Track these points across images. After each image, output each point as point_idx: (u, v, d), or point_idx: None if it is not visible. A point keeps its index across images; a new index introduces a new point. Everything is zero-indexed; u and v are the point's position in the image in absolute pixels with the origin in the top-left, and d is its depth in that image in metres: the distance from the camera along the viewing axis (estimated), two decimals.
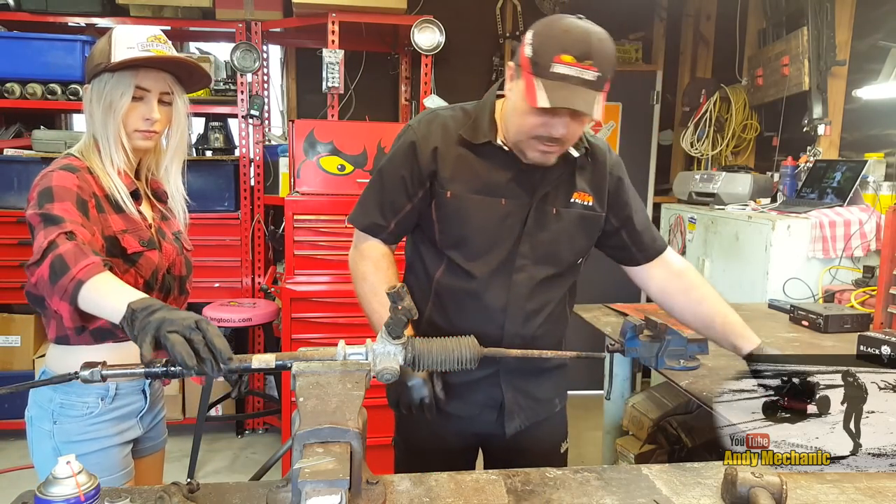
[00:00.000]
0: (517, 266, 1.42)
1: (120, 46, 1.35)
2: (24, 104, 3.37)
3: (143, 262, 1.39)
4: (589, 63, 1.22)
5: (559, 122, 1.27)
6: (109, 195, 1.37)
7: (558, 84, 1.22)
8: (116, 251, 1.34)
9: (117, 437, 1.46)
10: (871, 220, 2.63)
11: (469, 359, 1.17)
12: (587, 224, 1.48)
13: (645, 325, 1.24)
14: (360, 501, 1.02)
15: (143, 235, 1.41)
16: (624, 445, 2.64)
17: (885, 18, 2.85)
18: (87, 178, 1.35)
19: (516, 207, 1.41)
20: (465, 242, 1.42)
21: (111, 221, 1.35)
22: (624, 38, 4.37)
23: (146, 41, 1.37)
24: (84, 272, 1.13)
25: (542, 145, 1.31)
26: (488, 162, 1.40)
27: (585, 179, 1.47)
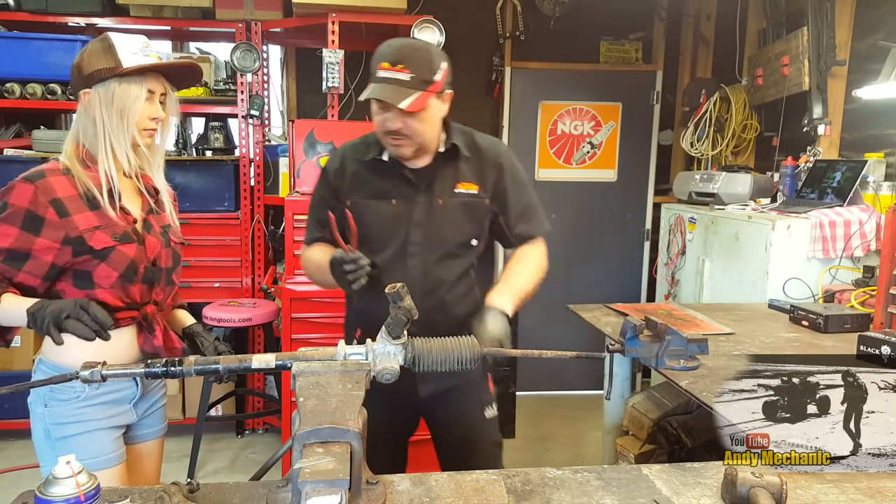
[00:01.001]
0: (410, 252, 1.69)
1: (125, 53, 1.43)
2: (24, 104, 3.37)
3: (114, 256, 1.45)
4: (401, 66, 1.55)
5: (390, 117, 1.58)
6: (83, 195, 1.44)
7: (379, 85, 1.55)
8: (83, 249, 1.43)
9: (106, 421, 1.52)
10: (871, 220, 2.63)
11: (469, 359, 1.18)
12: (471, 209, 1.72)
13: (645, 325, 1.23)
14: (360, 501, 1.02)
15: (117, 231, 1.46)
16: (624, 445, 2.64)
17: (885, 18, 2.85)
18: (54, 183, 1.42)
19: (405, 204, 1.69)
20: (367, 239, 1.68)
21: (77, 221, 1.42)
22: (624, 38, 4.37)
23: (143, 47, 1.47)
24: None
25: (390, 139, 1.62)
26: (378, 173, 1.73)
27: (471, 171, 1.73)
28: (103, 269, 1.45)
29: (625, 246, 4.53)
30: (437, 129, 1.69)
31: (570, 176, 4.44)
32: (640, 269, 4.54)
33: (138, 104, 1.45)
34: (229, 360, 1.13)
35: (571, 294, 4.26)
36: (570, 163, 4.43)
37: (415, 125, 1.59)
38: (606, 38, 4.34)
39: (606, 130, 4.42)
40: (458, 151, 1.70)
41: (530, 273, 1.72)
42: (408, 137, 1.61)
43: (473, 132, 1.79)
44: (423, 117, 1.60)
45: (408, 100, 1.53)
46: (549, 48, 4.29)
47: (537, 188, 4.47)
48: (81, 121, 1.50)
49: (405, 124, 1.58)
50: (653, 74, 4.38)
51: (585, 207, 4.46)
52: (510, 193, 1.75)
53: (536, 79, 4.33)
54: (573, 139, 4.41)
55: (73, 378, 1.10)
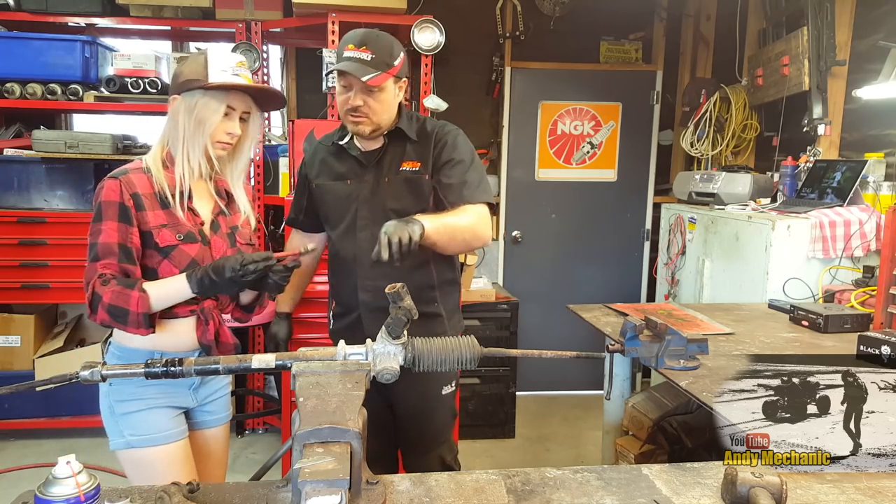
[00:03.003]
0: (359, 226, 1.89)
1: (214, 69, 1.53)
2: (24, 104, 3.37)
3: (175, 254, 1.54)
4: (364, 48, 1.75)
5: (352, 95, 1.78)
6: (157, 193, 1.55)
7: (344, 63, 1.75)
8: (150, 244, 1.53)
9: (164, 400, 1.60)
10: (871, 220, 2.63)
11: (469, 359, 1.18)
12: (412, 185, 1.89)
13: (645, 325, 1.23)
14: (360, 501, 1.02)
15: (182, 230, 1.55)
16: (624, 445, 2.64)
17: (885, 18, 2.85)
18: (134, 179, 1.54)
19: (358, 184, 1.91)
20: (328, 217, 1.98)
21: (149, 218, 1.53)
22: (624, 38, 4.37)
23: (235, 66, 1.57)
24: (140, 305, 1.45)
25: (351, 116, 1.81)
26: (338, 157, 1.96)
27: (415, 151, 1.90)
28: (166, 266, 1.54)
29: (625, 246, 4.53)
30: (393, 112, 1.88)
31: (570, 176, 4.44)
32: (640, 269, 4.54)
33: (215, 117, 1.54)
34: (229, 360, 1.13)
35: (571, 294, 4.28)
36: (570, 163, 4.43)
37: (373, 104, 1.79)
38: (606, 38, 4.34)
39: (606, 130, 4.42)
40: (403, 134, 1.89)
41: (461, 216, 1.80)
42: (366, 116, 1.80)
43: (427, 119, 1.99)
44: (381, 98, 1.80)
45: (370, 75, 1.73)
46: (549, 48, 4.29)
47: (537, 188, 4.53)
48: (168, 124, 1.60)
49: (365, 102, 1.78)
50: (653, 74, 4.38)
51: (585, 207, 4.46)
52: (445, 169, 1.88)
53: (536, 79, 4.33)
54: (573, 139, 4.41)
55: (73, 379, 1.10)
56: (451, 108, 3.43)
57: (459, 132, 1.96)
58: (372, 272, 1.84)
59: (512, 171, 4.39)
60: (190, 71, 1.55)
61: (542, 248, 4.48)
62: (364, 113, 1.80)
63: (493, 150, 4.41)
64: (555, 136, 4.39)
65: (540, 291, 4.42)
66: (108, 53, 3.58)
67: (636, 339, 1.23)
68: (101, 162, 3.44)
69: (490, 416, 3.74)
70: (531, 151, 4.39)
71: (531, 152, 4.39)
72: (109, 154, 3.36)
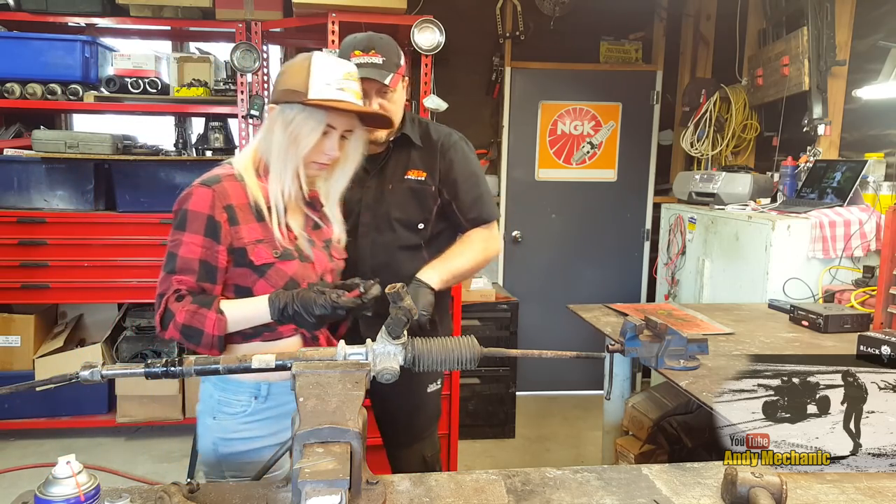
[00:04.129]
0: (360, 232, 1.82)
1: (317, 81, 1.39)
2: (24, 104, 3.36)
3: (272, 272, 1.41)
4: (373, 52, 1.71)
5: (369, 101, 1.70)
6: (252, 205, 1.41)
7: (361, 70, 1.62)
8: (244, 262, 1.40)
9: (271, 438, 1.45)
10: (871, 220, 2.63)
11: (469, 359, 1.18)
12: (418, 195, 1.84)
13: (645, 325, 1.23)
14: (360, 501, 1.02)
15: (278, 247, 1.42)
16: (624, 445, 2.64)
17: (885, 18, 2.85)
18: (229, 189, 1.40)
19: (360, 189, 1.80)
20: None
21: (243, 232, 1.39)
22: (624, 38, 4.37)
23: (342, 78, 1.41)
24: (216, 328, 1.33)
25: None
26: None
27: (420, 159, 1.86)
28: (262, 286, 1.40)
29: (625, 246, 4.53)
30: (402, 113, 1.84)
31: (570, 176, 4.44)
32: (640, 269, 4.54)
33: (312, 137, 1.40)
34: (229, 360, 1.13)
35: (571, 294, 4.28)
36: (570, 163, 4.43)
37: (389, 106, 1.75)
38: (606, 38, 4.34)
39: (606, 130, 4.42)
40: (408, 140, 1.85)
41: (468, 253, 1.83)
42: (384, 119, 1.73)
43: (429, 123, 1.94)
44: (395, 98, 1.77)
45: (389, 77, 1.71)
46: (549, 48, 4.29)
47: (537, 188, 4.52)
48: (263, 132, 1.47)
49: (382, 106, 1.73)
50: (653, 74, 4.38)
51: (585, 207, 4.46)
52: (461, 184, 1.86)
53: (536, 79, 4.33)
54: (573, 139, 4.41)
55: (73, 379, 1.10)
56: (451, 108, 3.43)
57: (466, 142, 1.94)
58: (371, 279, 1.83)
59: (512, 171, 4.39)
60: (292, 80, 1.40)
61: (542, 248, 4.48)
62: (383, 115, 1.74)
63: (493, 150, 4.41)
64: (555, 136, 4.40)
65: (540, 291, 4.41)
66: (108, 53, 3.58)
67: (636, 339, 1.23)
68: (101, 162, 3.44)
69: (490, 416, 3.74)
70: (531, 151, 4.39)
71: (531, 152, 4.39)
72: (109, 154, 3.36)
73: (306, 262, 1.46)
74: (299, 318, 1.32)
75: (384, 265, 1.82)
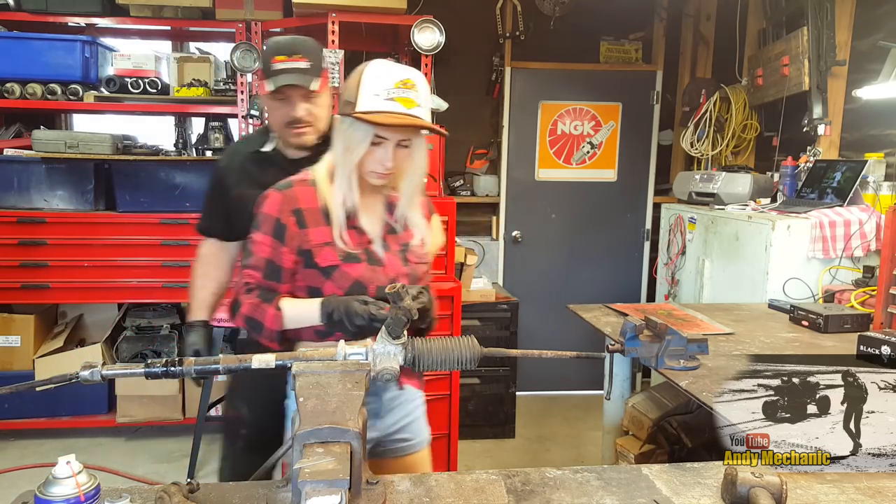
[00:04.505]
0: None
1: (366, 92, 1.37)
2: (24, 104, 3.36)
3: (337, 274, 1.44)
4: (298, 56, 1.68)
5: (293, 105, 1.70)
6: (322, 208, 1.46)
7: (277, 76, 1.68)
8: (311, 264, 1.45)
9: None
10: (871, 220, 2.63)
11: (469, 359, 1.18)
12: None
13: (645, 325, 1.23)
14: (360, 501, 1.02)
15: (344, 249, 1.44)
16: (624, 445, 2.64)
17: (885, 18, 2.85)
18: (299, 193, 1.46)
19: None
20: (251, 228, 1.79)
21: (311, 235, 1.44)
22: (624, 38, 4.37)
23: (392, 87, 1.37)
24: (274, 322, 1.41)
25: (293, 130, 1.73)
26: (260, 165, 1.82)
27: None
28: (330, 287, 1.44)
29: (625, 246, 4.53)
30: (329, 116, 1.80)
31: (570, 176, 4.44)
32: (640, 269, 4.54)
33: (361, 148, 1.40)
34: (229, 360, 1.13)
35: (571, 294, 4.28)
36: (570, 163, 4.43)
37: (316, 111, 1.74)
38: (606, 38, 4.34)
39: (606, 130, 4.42)
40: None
41: None
42: (310, 125, 1.74)
43: None
44: (322, 103, 1.75)
45: (315, 82, 1.69)
46: (549, 48, 4.29)
47: (537, 188, 4.53)
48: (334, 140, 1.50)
49: (308, 111, 1.72)
50: (653, 74, 4.38)
51: (585, 207, 4.46)
52: None
53: (536, 79, 4.33)
54: (573, 139, 4.41)
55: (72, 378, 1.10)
56: (451, 108, 3.43)
57: None
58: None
59: (512, 171, 4.39)
60: (347, 91, 1.42)
61: (542, 248, 4.48)
62: (309, 122, 1.74)
63: (493, 150, 4.41)
64: (555, 136, 4.40)
65: (540, 291, 4.41)
66: (108, 53, 3.58)
67: (636, 339, 1.23)
68: (101, 162, 3.44)
69: (490, 416, 3.74)
70: (531, 151, 4.39)
71: (531, 152, 4.39)
72: (109, 154, 3.36)
73: (375, 265, 1.47)
74: (342, 326, 1.35)
75: None
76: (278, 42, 1.73)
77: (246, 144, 1.90)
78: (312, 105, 1.72)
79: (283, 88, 1.68)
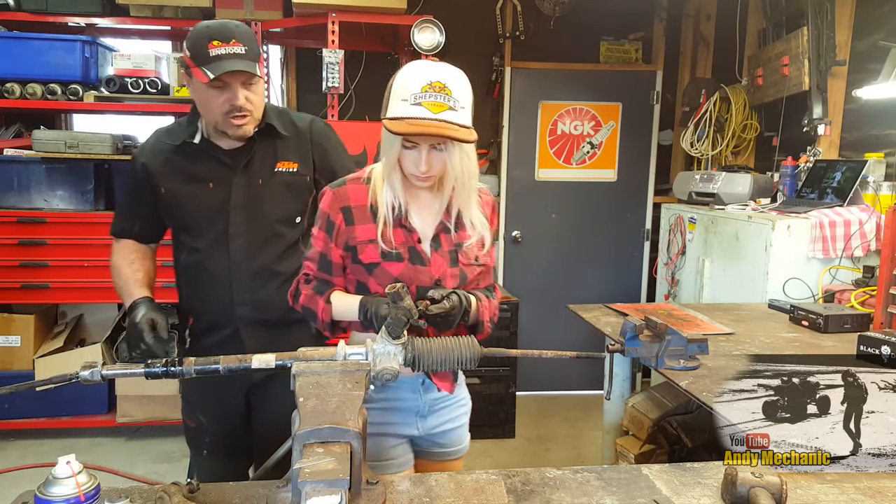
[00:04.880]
0: (232, 233, 1.71)
1: (395, 97, 1.36)
2: (24, 104, 3.36)
3: (378, 272, 1.45)
4: (234, 41, 1.59)
5: (234, 93, 1.60)
6: (371, 206, 1.46)
7: (216, 63, 1.57)
8: (356, 260, 1.47)
9: (388, 427, 1.50)
10: (871, 220, 2.63)
11: (469, 359, 1.18)
12: (292, 187, 1.75)
13: (645, 325, 1.23)
14: (360, 501, 1.02)
15: (387, 247, 1.44)
16: (624, 445, 2.64)
17: (885, 18, 2.85)
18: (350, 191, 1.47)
19: (223, 187, 1.71)
20: (187, 225, 1.75)
21: (357, 232, 1.46)
22: (624, 38, 4.37)
23: (419, 91, 1.33)
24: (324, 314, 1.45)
25: (233, 119, 1.63)
26: (190, 157, 1.72)
27: (290, 149, 1.75)
28: (373, 284, 1.46)
29: (625, 246, 4.53)
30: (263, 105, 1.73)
31: (570, 176, 4.43)
32: (640, 269, 4.54)
33: (394, 150, 1.40)
34: (229, 360, 1.13)
35: (571, 294, 4.28)
36: (570, 163, 4.43)
37: (255, 98, 1.65)
38: (606, 38, 4.34)
39: (606, 130, 4.42)
40: (273, 131, 1.74)
41: None
42: (250, 113, 1.65)
43: (290, 111, 1.85)
44: (259, 91, 1.68)
45: (256, 67, 1.62)
46: (549, 48, 4.29)
47: (537, 188, 4.52)
48: None
49: (248, 99, 1.63)
50: (653, 74, 4.38)
51: (585, 207, 4.46)
52: (338, 171, 1.72)
53: (536, 79, 4.33)
54: (573, 139, 4.41)
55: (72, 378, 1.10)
56: None
57: (330, 127, 1.87)
58: (250, 284, 1.72)
59: (512, 171, 4.39)
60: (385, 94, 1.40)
61: (542, 248, 4.48)
62: (248, 110, 1.64)
63: (493, 150, 4.41)
64: (555, 136, 4.39)
65: (540, 291, 4.41)
66: (108, 53, 3.58)
67: (636, 339, 1.23)
68: (101, 162, 3.44)
69: (490, 416, 3.74)
70: (531, 151, 4.39)
71: (531, 152, 4.39)
72: (109, 154, 3.36)
73: (418, 264, 1.45)
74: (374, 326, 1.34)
75: (263, 268, 1.73)
76: (210, 27, 1.63)
77: (168, 136, 1.76)
78: (251, 93, 1.64)
79: (223, 76, 1.57)
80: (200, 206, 1.72)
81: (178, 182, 1.72)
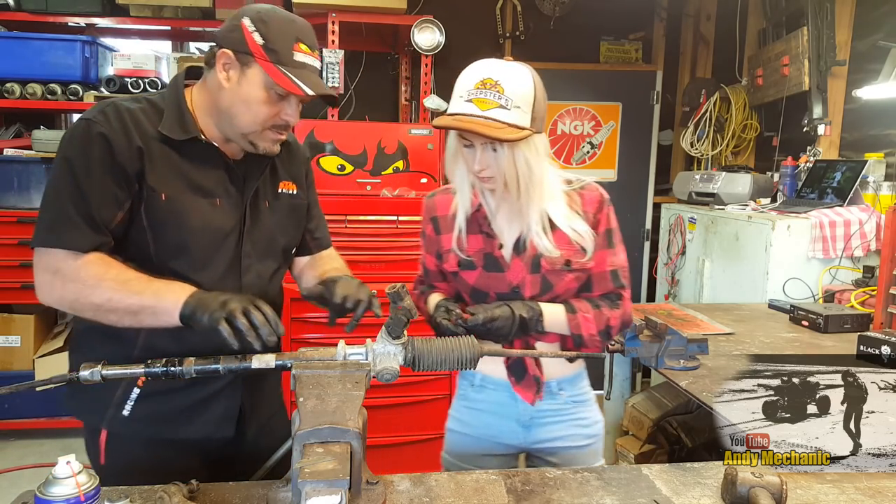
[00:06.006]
0: (244, 267, 1.33)
1: (455, 94, 1.34)
2: (24, 104, 3.37)
3: (457, 280, 1.49)
4: (316, 53, 1.28)
5: (294, 110, 1.29)
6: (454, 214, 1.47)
7: (300, 72, 1.23)
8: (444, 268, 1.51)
9: (468, 428, 1.54)
10: (870, 220, 2.63)
11: (469, 359, 1.18)
12: (295, 212, 1.47)
13: (645, 325, 1.24)
14: (360, 501, 1.02)
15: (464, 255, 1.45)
16: (624, 445, 2.64)
17: (885, 18, 2.85)
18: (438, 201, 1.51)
19: (231, 206, 1.31)
20: (186, 250, 1.25)
21: (444, 241, 1.49)
22: (624, 38, 4.37)
23: (472, 88, 1.31)
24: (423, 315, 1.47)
25: (276, 134, 1.30)
26: (194, 160, 1.28)
27: (286, 169, 1.45)
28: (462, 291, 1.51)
29: (625, 246, 4.52)
30: None
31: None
32: (640, 269, 4.54)
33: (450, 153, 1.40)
34: (229, 360, 1.13)
35: None
36: (570, 163, 4.43)
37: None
38: (606, 38, 4.34)
39: (606, 130, 4.42)
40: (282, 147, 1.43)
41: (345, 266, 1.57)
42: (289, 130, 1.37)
43: None
44: None
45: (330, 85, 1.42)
46: (549, 48, 4.28)
47: None
48: None
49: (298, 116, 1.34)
50: (653, 74, 4.38)
51: None
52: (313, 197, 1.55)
53: None
54: (573, 139, 4.41)
55: (73, 379, 1.10)
56: None
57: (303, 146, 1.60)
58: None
59: None
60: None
61: None
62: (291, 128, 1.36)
63: None
64: (555, 136, 4.39)
65: None
66: (108, 53, 3.58)
67: (636, 339, 1.23)
68: None
69: None
70: None
71: None
72: None
73: (493, 271, 1.43)
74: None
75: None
76: (296, 23, 1.27)
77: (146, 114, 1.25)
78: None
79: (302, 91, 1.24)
80: (208, 227, 1.27)
81: (179, 189, 1.25)
